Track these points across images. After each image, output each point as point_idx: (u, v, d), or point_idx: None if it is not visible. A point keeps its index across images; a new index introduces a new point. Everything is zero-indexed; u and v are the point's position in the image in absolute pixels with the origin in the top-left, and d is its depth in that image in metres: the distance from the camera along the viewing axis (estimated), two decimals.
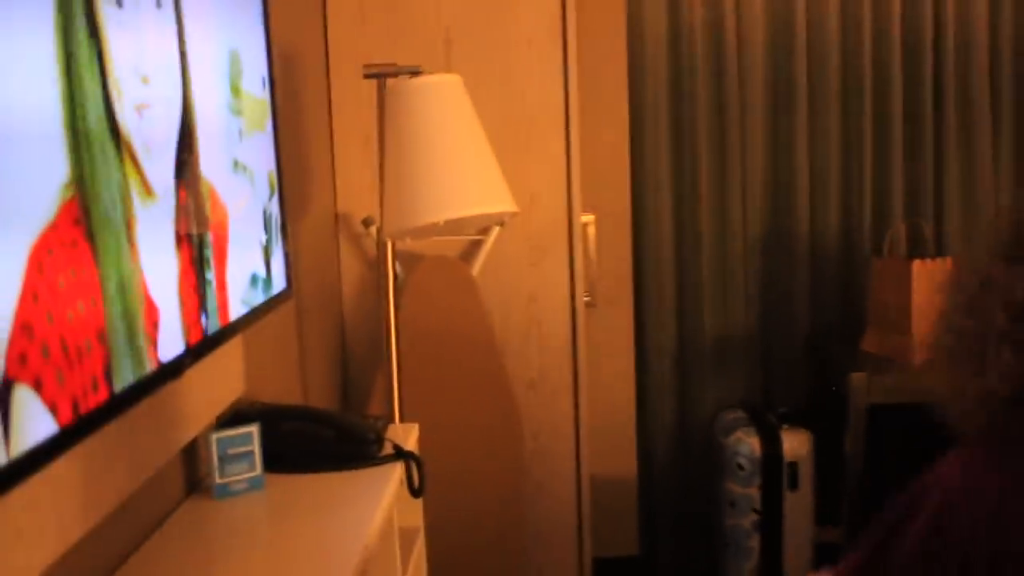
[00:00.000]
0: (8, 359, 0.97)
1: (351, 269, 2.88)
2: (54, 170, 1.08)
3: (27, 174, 1.02)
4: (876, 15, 3.49)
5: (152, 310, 1.31)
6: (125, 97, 1.26)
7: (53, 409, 1.05)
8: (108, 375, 1.19)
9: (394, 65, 2.41)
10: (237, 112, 1.68)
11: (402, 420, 2.50)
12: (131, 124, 1.28)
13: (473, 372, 2.75)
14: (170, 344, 1.37)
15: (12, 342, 0.98)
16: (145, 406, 1.42)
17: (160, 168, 1.37)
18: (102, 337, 1.17)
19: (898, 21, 3.48)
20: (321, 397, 2.61)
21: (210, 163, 1.55)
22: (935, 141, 3.55)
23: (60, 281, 1.08)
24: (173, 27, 1.44)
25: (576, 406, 2.94)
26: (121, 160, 1.24)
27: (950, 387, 1.32)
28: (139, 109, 1.31)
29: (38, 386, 1.02)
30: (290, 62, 2.45)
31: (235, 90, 1.68)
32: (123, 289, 1.23)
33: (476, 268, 2.84)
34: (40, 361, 1.03)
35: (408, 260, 2.84)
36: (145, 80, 1.33)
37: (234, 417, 1.80)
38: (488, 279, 2.87)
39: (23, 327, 0.99)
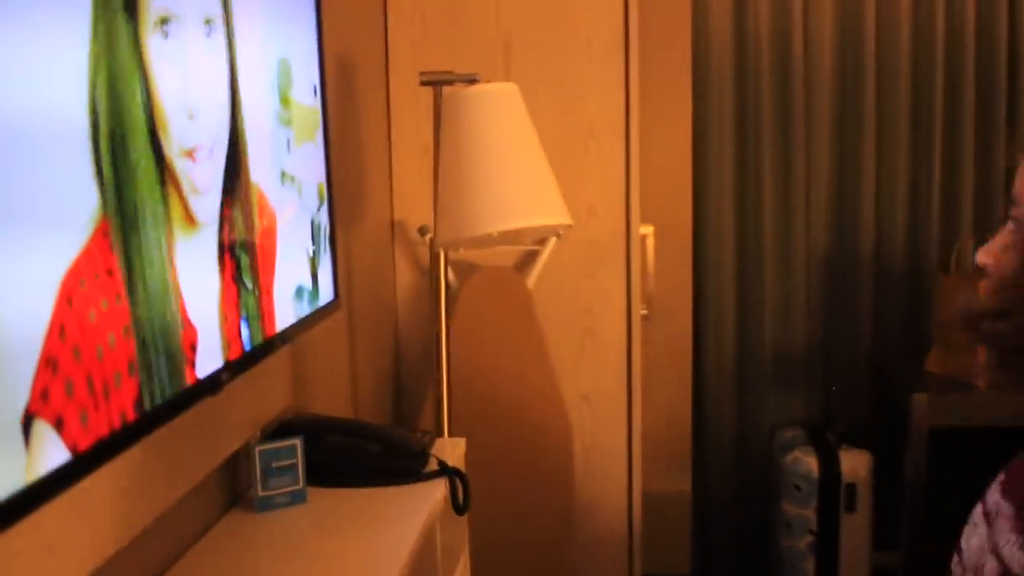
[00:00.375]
0: (31, 395, 0.95)
1: (407, 278, 2.87)
2: (86, 199, 1.06)
3: (59, 203, 1.01)
4: (949, 23, 3.41)
5: (191, 332, 1.30)
6: (173, 130, 1.25)
7: (74, 450, 1.03)
8: (138, 406, 1.17)
9: (450, 73, 2.39)
10: (286, 123, 1.67)
11: (451, 433, 2.48)
12: (179, 161, 1.27)
13: (526, 385, 2.72)
14: (209, 361, 1.36)
15: (36, 377, 0.96)
16: (183, 420, 1.40)
17: (206, 199, 1.36)
18: (133, 368, 1.15)
19: (972, 29, 3.38)
20: (372, 409, 2.60)
21: (258, 177, 1.54)
22: (1007, 154, 3.45)
23: (91, 313, 1.06)
24: (224, 52, 1.42)
25: (629, 421, 2.90)
26: (165, 192, 1.23)
27: None
28: (190, 152, 1.30)
29: (59, 426, 1.00)
30: (348, 69, 2.44)
31: (284, 100, 1.66)
32: (160, 315, 1.22)
33: (531, 280, 2.81)
34: (63, 399, 1.00)
35: (463, 270, 2.81)
36: (191, 115, 1.32)
37: (279, 429, 1.79)
38: (543, 291, 2.84)
39: (47, 362, 0.98)
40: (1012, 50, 3.41)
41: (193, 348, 1.31)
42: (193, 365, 1.31)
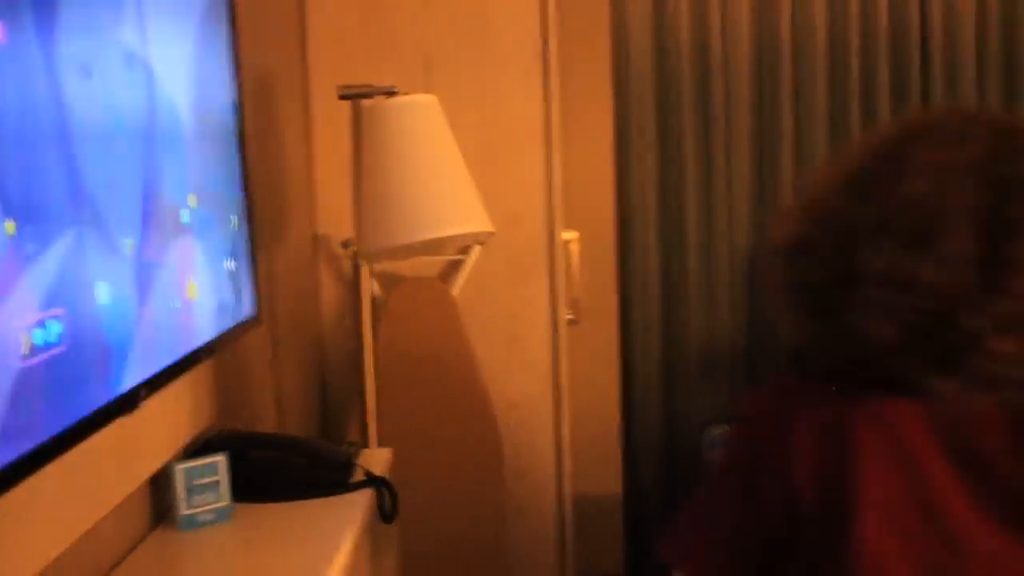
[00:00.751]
0: None
1: (331, 292, 2.86)
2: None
3: None
4: (864, 31, 3.48)
5: (105, 349, 1.30)
6: (92, 157, 1.26)
7: None
8: (50, 427, 1.16)
9: (369, 86, 2.40)
10: (202, 139, 1.67)
11: (380, 444, 2.49)
12: (98, 188, 1.27)
13: (454, 393, 2.73)
14: (125, 378, 1.36)
15: None
16: (100, 440, 1.40)
17: (124, 223, 1.36)
18: (43, 392, 1.14)
19: (885, 37, 3.46)
20: (297, 422, 2.59)
21: (174, 194, 1.54)
22: None
23: None
24: (143, 79, 1.43)
25: (558, 425, 2.93)
26: (80, 212, 1.23)
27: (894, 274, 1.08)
28: (109, 186, 1.31)
29: None
30: (266, 85, 2.44)
31: (200, 118, 1.67)
32: (72, 332, 1.21)
33: (456, 288, 2.82)
34: None
35: (387, 281, 2.82)
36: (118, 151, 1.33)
37: (203, 446, 1.79)
38: (468, 299, 2.85)
39: None
40: (924, 56, 3.49)
41: (107, 365, 1.31)
42: (107, 383, 1.31)
